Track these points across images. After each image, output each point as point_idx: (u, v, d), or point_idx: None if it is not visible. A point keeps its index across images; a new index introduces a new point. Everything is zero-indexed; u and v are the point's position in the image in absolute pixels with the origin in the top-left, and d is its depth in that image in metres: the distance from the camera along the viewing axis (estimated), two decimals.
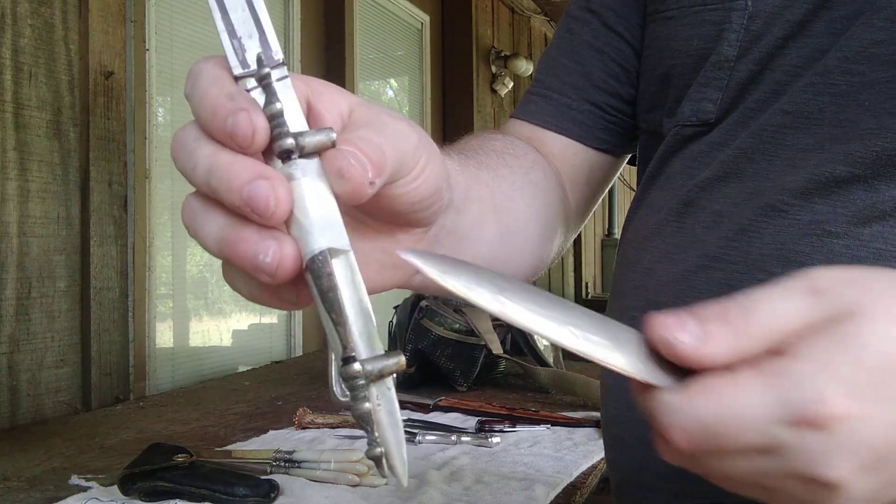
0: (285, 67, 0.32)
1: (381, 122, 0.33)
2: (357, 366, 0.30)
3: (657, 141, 0.59)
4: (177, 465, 0.93)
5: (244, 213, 0.30)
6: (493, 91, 4.27)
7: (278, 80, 0.32)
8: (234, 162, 0.30)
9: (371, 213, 0.38)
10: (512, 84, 4.36)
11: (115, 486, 0.94)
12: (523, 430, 1.31)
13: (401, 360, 0.31)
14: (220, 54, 0.32)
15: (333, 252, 0.31)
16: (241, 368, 2.32)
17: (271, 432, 1.32)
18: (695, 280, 0.50)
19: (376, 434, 0.31)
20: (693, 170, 0.53)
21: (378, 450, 0.31)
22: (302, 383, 1.89)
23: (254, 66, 0.32)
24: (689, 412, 0.29)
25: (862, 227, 0.43)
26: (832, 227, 0.44)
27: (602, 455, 1.16)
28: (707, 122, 0.53)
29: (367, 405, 0.30)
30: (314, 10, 2.89)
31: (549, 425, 1.33)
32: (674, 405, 0.29)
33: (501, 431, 1.30)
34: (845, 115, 0.45)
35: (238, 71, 0.32)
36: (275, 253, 0.30)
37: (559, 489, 0.97)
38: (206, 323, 2.38)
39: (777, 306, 0.29)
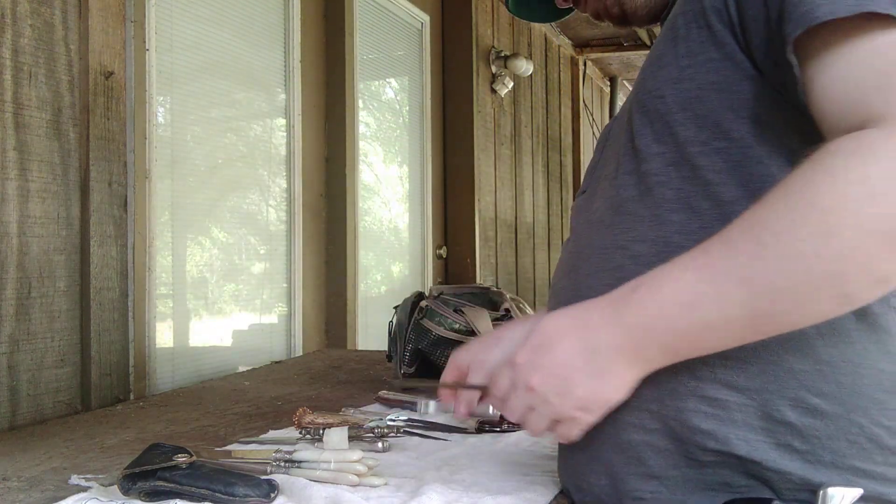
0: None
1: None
2: None
3: None
4: (177, 465, 0.93)
5: None
6: (493, 91, 4.27)
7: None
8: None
9: None
10: (512, 84, 4.36)
11: (115, 486, 0.94)
12: (523, 430, 1.31)
13: None
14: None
15: None
16: (241, 368, 2.32)
17: (271, 432, 1.32)
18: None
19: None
20: None
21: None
22: (302, 383, 1.89)
23: None
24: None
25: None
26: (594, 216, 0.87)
27: None
28: None
29: None
30: (314, 10, 2.89)
31: None
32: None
33: (501, 431, 1.30)
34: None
35: None
36: None
37: (559, 489, 0.97)
38: (206, 323, 2.39)
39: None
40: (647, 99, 0.78)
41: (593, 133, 6.29)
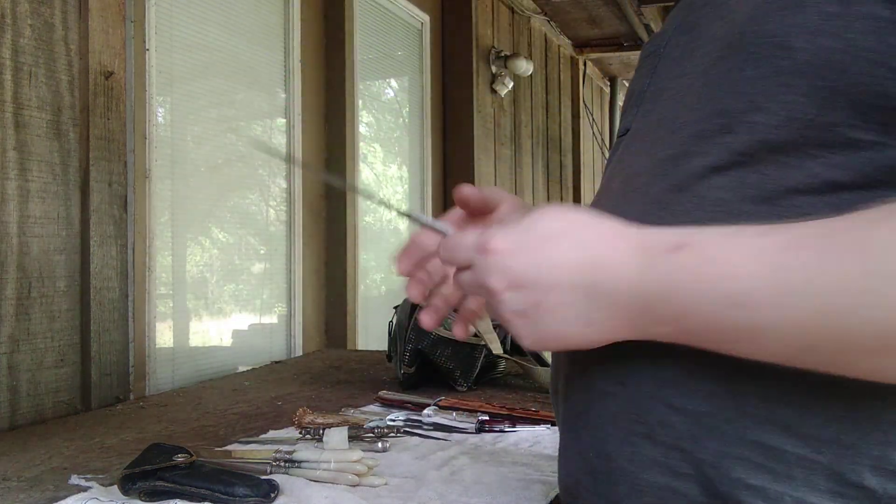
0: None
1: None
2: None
3: None
4: (177, 465, 0.93)
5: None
6: (493, 91, 4.27)
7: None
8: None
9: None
10: (512, 84, 4.36)
11: (115, 486, 0.94)
12: (523, 430, 1.31)
13: None
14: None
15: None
16: (241, 368, 2.32)
17: (271, 432, 1.32)
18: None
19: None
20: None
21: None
22: (302, 383, 1.89)
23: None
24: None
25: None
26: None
27: None
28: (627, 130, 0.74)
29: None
30: (314, 10, 2.89)
31: (549, 425, 1.33)
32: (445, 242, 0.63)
33: (501, 431, 1.30)
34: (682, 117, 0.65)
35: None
36: None
37: (558, 489, 0.97)
38: (206, 323, 2.39)
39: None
40: (761, 44, 0.57)
41: (593, 133, 6.29)
